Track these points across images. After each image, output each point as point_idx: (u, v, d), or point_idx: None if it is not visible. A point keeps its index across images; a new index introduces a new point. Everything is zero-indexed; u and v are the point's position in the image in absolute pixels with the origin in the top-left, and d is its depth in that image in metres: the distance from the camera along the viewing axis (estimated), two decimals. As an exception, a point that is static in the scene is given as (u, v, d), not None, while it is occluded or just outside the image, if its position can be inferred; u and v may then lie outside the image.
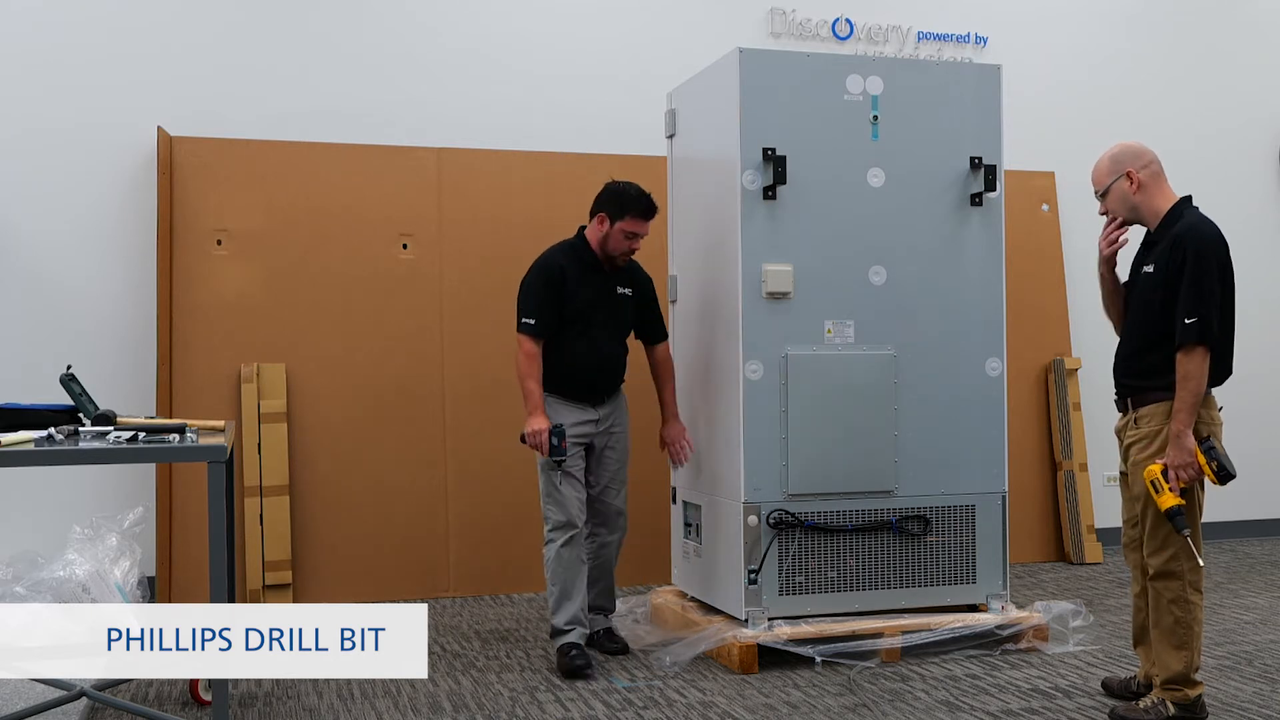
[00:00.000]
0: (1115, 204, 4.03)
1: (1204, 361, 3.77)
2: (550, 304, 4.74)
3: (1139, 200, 3.99)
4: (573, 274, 4.79)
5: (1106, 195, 4.04)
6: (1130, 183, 3.98)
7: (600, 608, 5.01)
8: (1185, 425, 3.78)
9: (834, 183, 4.86)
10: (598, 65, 6.57)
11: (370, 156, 6.17)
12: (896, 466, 4.89)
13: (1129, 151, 4.02)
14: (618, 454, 4.93)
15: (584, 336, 4.79)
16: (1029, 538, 6.96)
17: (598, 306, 4.82)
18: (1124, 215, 4.05)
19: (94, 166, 5.89)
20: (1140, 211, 4.01)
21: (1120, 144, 4.06)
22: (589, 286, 4.81)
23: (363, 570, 5.96)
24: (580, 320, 4.78)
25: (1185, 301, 3.80)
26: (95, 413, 3.83)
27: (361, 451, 6.02)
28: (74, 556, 5.15)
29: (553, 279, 4.76)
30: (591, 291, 4.81)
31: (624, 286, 4.92)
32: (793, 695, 4.32)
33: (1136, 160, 4.00)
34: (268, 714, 4.17)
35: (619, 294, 4.90)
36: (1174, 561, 3.87)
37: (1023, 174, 7.01)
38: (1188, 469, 3.78)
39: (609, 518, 4.93)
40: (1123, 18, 7.55)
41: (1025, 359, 6.96)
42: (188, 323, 5.84)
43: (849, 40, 6.98)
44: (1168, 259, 3.88)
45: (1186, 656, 3.87)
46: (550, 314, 4.74)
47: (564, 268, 4.79)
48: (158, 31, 5.99)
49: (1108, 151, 4.05)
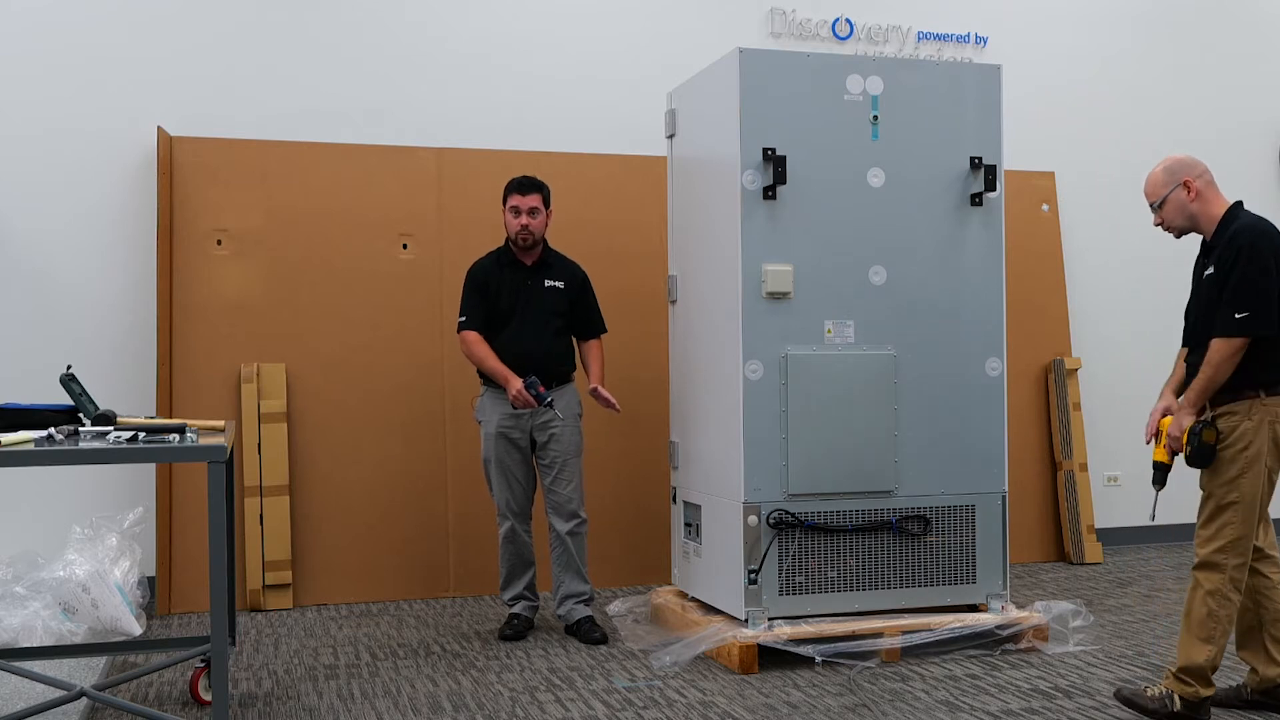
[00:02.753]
0: (1172, 213, 4.07)
1: (1235, 356, 3.84)
2: (478, 305, 5.18)
3: (1196, 209, 4.04)
4: (495, 274, 5.19)
5: (1163, 206, 4.07)
6: (1188, 191, 4.02)
7: (574, 594, 5.17)
8: (1192, 405, 3.91)
9: (834, 183, 4.86)
10: (598, 65, 6.57)
11: (370, 156, 6.17)
12: (896, 466, 4.89)
13: (1182, 162, 4.07)
14: (561, 445, 5.15)
15: (508, 330, 5.14)
16: (1029, 538, 6.96)
17: (521, 301, 5.14)
18: (1180, 224, 4.09)
19: (94, 166, 5.89)
20: (1198, 220, 4.06)
21: (1171, 156, 4.12)
22: (510, 283, 5.17)
23: (363, 570, 5.96)
24: (505, 316, 5.15)
25: (1238, 295, 3.84)
26: (95, 413, 3.83)
27: (361, 452, 6.02)
28: (74, 556, 5.16)
29: (477, 282, 5.21)
30: (513, 287, 5.16)
31: (553, 280, 5.21)
32: (793, 695, 4.32)
33: (1191, 170, 4.04)
34: (268, 714, 4.17)
35: (546, 286, 5.19)
36: (1221, 554, 3.90)
37: (1023, 174, 7.02)
38: (1176, 441, 3.97)
39: (559, 506, 5.17)
40: (1123, 18, 7.55)
41: (1025, 359, 6.96)
42: (188, 323, 5.84)
43: (849, 40, 6.98)
44: (1223, 258, 3.94)
45: (1211, 651, 3.88)
46: (479, 312, 5.17)
47: (486, 268, 5.22)
48: (158, 32, 5.99)
49: (1160, 164, 4.10)
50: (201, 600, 5.63)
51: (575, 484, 5.18)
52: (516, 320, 5.13)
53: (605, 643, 5.04)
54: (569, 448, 5.16)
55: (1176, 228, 4.11)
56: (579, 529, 5.18)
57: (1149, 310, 7.43)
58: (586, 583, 5.21)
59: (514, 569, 5.24)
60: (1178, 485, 7.27)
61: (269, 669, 4.73)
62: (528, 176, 5.22)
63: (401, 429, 6.07)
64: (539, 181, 5.21)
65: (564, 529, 5.15)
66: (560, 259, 5.29)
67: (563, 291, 5.20)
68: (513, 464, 5.16)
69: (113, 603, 5.09)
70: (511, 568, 5.23)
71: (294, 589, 5.84)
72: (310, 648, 5.06)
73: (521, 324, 5.13)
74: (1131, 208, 7.46)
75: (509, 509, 5.18)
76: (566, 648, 5.01)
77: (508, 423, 5.13)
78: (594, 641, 5.03)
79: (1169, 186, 4.05)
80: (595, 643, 5.03)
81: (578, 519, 5.17)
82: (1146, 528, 7.42)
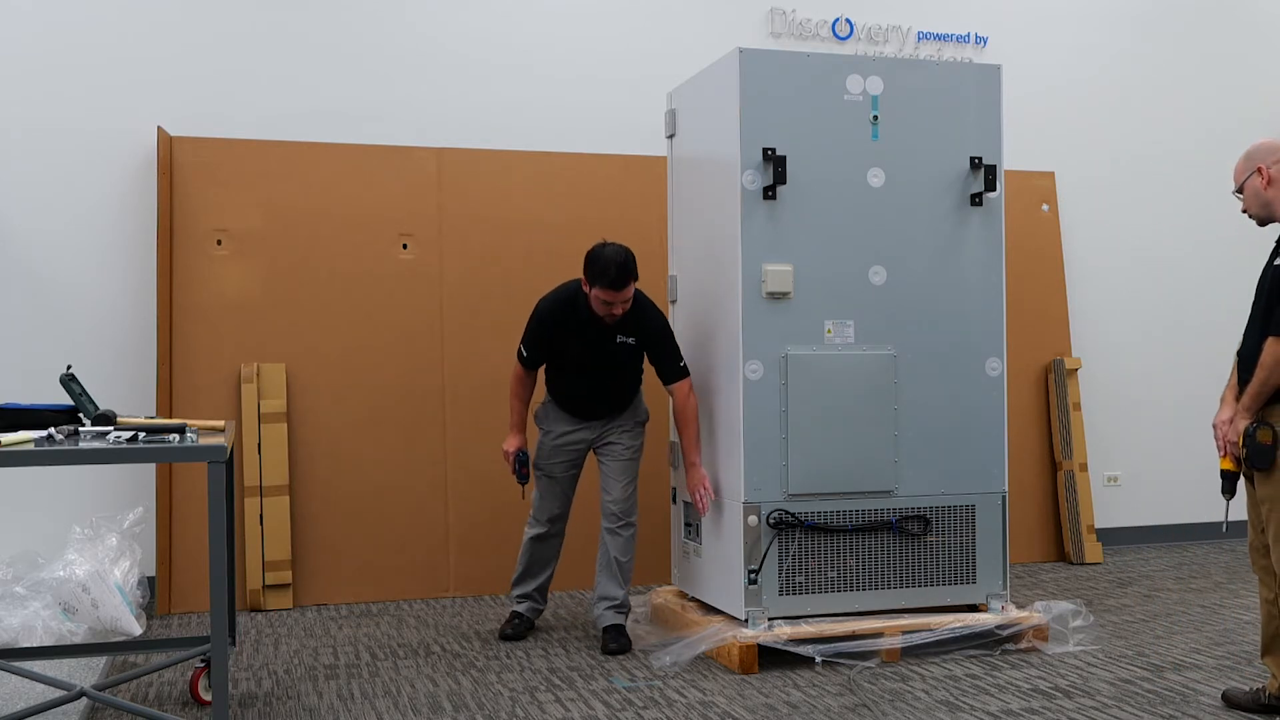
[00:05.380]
0: (1249, 200, 3.96)
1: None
2: (542, 346, 5.06)
3: (1271, 196, 3.91)
4: (563, 329, 4.99)
5: (1242, 192, 3.97)
6: (1261, 178, 3.90)
7: (606, 597, 5.05)
8: (1247, 409, 3.83)
9: (834, 183, 4.86)
10: (598, 65, 6.57)
11: (370, 156, 6.17)
12: (896, 466, 4.89)
13: (1264, 147, 3.94)
14: (615, 454, 5.14)
15: (578, 374, 5.07)
16: (1029, 538, 6.96)
17: (591, 354, 5.00)
18: (1257, 211, 3.97)
19: (94, 166, 5.89)
20: (1273, 207, 3.93)
21: (1259, 140, 3.99)
22: (582, 338, 4.98)
23: (363, 570, 5.96)
24: (573, 365, 5.06)
25: None
26: (95, 413, 3.83)
27: (361, 451, 6.02)
28: (74, 556, 5.16)
29: (544, 329, 5.03)
30: (584, 342, 4.98)
31: (625, 335, 5.00)
32: (793, 695, 4.32)
33: (1270, 155, 3.91)
34: (268, 714, 4.17)
35: (618, 343, 5.00)
36: None
37: (1023, 174, 7.02)
38: (1234, 447, 3.89)
39: (605, 507, 5.15)
40: (1123, 18, 7.55)
41: (1025, 359, 6.96)
42: (188, 323, 5.84)
43: (849, 40, 6.98)
44: None
45: None
46: (541, 353, 5.08)
47: (556, 323, 5.00)
48: (158, 32, 5.99)
49: (1247, 148, 3.98)
50: (201, 600, 5.63)
51: (626, 487, 5.09)
52: (590, 371, 5.04)
53: (623, 654, 4.90)
54: (628, 454, 5.13)
55: (1254, 216, 3.98)
56: (621, 531, 5.08)
57: (1149, 310, 7.44)
58: (621, 588, 5.06)
59: (530, 568, 5.23)
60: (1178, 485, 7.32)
61: (269, 669, 4.73)
62: (621, 268, 4.75)
63: (401, 429, 6.07)
64: (633, 270, 4.81)
65: (609, 528, 5.09)
66: (636, 311, 4.96)
67: (634, 346, 5.01)
68: (562, 476, 5.17)
69: (113, 603, 5.09)
70: (528, 566, 5.23)
71: (294, 589, 5.84)
72: (310, 648, 5.06)
73: (595, 372, 5.04)
74: (1132, 208, 7.48)
75: (545, 518, 5.19)
76: (566, 648, 5.01)
77: (569, 435, 5.14)
78: (609, 652, 4.89)
79: (1246, 173, 3.93)
80: (611, 653, 4.89)
81: (621, 521, 5.08)
82: (1146, 528, 7.42)
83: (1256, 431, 3.80)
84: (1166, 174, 7.48)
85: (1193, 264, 7.52)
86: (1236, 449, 3.88)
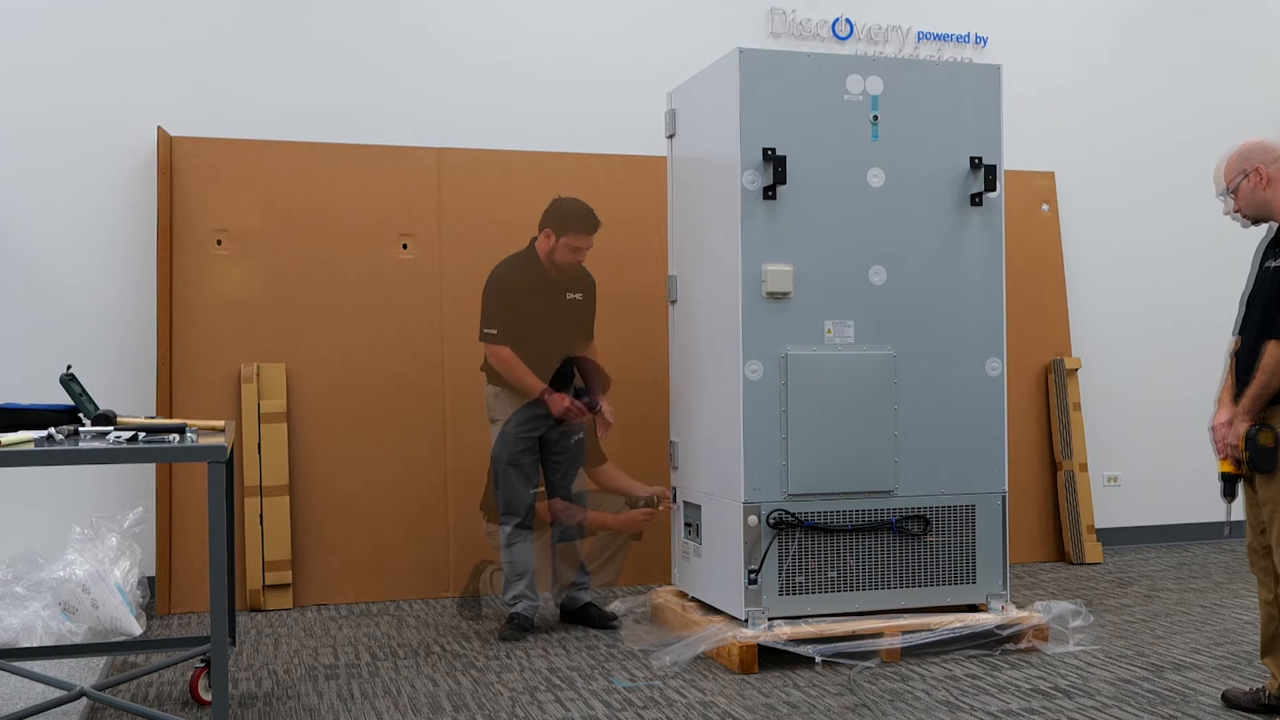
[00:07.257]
0: (1244, 200, 3.91)
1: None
2: (508, 316, 5.18)
3: (1268, 195, 3.87)
4: (521, 288, 5.20)
5: (1236, 193, 3.92)
6: (1260, 178, 3.87)
7: (576, 584, 5.33)
8: (1247, 412, 3.81)
9: (834, 183, 4.86)
10: (598, 65, 6.57)
11: (370, 156, 6.17)
12: (896, 466, 4.89)
13: (1257, 147, 3.90)
14: (578, 443, 5.31)
15: (530, 343, 5.17)
16: (1029, 538, 6.96)
17: (546, 315, 5.20)
18: (1251, 212, 3.93)
19: (94, 166, 5.89)
20: (1270, 208, 3.89)
21: (1248, 140, 3.95)
22: (537, 298, 5.21)
23: (363, 570, 5.96)
24: (528, 328, 5.17)
25: None
26: (95, 413, 3.83)
27: (361, 451, 6.02)
28: (74, 556, 5.16)
29: (507, 294, 5.19)
30: (540, 302, 5.21)
31: (574, 292, 5.30)
32: (793, 695, 4.32)
33: (1265, 155, 3.88)
34: (268, 714, 4.17)
35: (568, 299, 5.28)
36: None
37: (1023, 174, 7.02)
38: (1235, 449, 3.87)
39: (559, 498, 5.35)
40: (1123, 18, 7.55)
41: (1025, 359, 6.96)
42: (188, 323, 5.84)
43: (849, 40, 6.98)
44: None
45: None
46: (509, 324, 5.19)
47: (519, 285, 5.20)
48: (158, 31, 5.99)
49: (1235, 148, 3.93)
50: (201, 600, 5.63)
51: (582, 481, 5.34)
52: (544, 334, 5.19)
53: (617, 626, 5.16)
54: (582, 446, 5.32)
55: (1247, 216, 3.94)
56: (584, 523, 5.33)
57: (1149, 310, 7.44)
58: (587, 574, 5.37)
59: (516, 568, 5.26)
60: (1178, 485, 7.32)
61: (269, 669, 4.73)
62: (593, 212, 5.22)
63: (401, 429, 6.07)
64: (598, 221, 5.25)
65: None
66: (581, 269, 5.36)
67: (581, 301, 5.33)
68: (527, 464, 5.23)
69: (113, 603, 5.09)
70: (513, 567, 5.26)
71: (294, 589, 5.84)
72: (310, 648, 5.06)
73: (548, 337, 5.20)
74: (1131, 207, 7.48)
75: (519, 508, 5.21)
76: (566, 648, 5.01)
77: (526, 422, 5.19)
78: (606, 625, 5.12)
79: (1238, 173, 3.90)
80: (608, 627, 5.11)
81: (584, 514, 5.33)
82: (1146, 528, 7.42)
83: (1259, 434, 3.79)
84: (1166, 174, 7.48)
85: (1193, 264, 7.51)
86: (1237, 452, 3.86)
